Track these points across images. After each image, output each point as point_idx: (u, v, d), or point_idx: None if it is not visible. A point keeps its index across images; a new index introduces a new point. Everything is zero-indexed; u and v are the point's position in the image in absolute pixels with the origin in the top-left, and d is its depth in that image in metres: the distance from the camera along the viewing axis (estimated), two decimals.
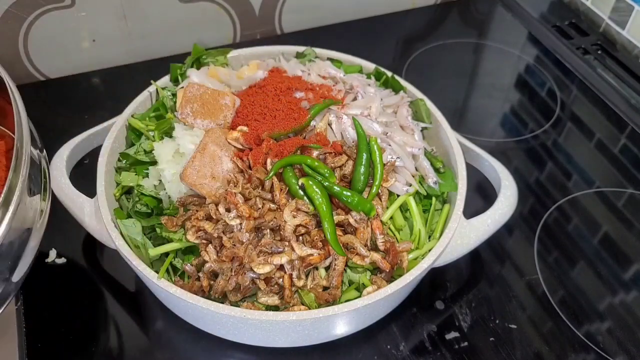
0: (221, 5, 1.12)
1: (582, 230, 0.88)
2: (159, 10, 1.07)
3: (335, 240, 0.64)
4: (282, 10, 1.18)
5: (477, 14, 1.32)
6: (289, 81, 0.81)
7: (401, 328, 0.75)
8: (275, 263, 0.63)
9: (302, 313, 0.60)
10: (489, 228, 0.74)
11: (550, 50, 1.22)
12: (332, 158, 0.72)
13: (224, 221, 0.66)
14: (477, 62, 1.21)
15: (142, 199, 0.73)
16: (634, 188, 0.95)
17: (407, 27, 1.26)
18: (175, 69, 0.85)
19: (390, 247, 0.67)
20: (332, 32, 1.22)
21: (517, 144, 1.02)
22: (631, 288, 0.81)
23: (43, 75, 1.08)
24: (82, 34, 1.05)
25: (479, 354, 0.73)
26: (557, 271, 0.82)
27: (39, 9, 0.99)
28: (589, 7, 1.28)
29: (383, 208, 0.71)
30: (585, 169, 0.98)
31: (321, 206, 0.66)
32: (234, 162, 0.71)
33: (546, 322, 0.76)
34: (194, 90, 0.75)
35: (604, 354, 0.73)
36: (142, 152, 0.76)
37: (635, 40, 1.17)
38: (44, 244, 0.81)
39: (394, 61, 1.17)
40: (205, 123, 0.75)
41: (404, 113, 0.81)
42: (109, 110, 0.85)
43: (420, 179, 0.77)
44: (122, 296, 0.78)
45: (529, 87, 1.14)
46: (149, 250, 0.68)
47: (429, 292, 0.79)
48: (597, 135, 1.04)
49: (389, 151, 0.75)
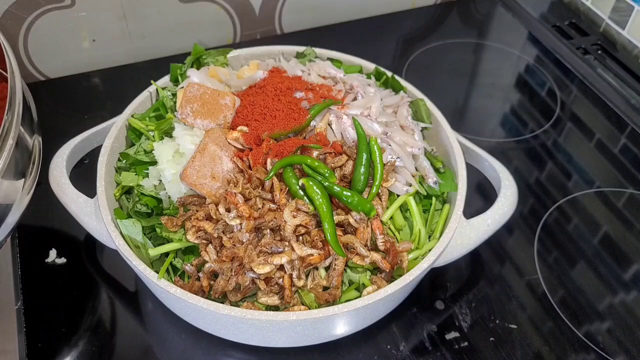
0: (221, 5, 1.12)
1: (582, 230, 0.88)
2: (159, 10, 1.07)
3: (335, 240, 0.64)
4: (282, 10, 1.18)
5: (477, 14, 1.32)
6: (289, 81, 0.81)
7: (401, 328, 0.75)
8: (275, 263, 0.63)
9: (302, 313, 0.60)
10: (489, 228, 0.74)
11: (550, 50, 1.22)
12: (332, 158, 0.72)
13: (224, 221, 0.66)
14: (477, 62, 1.21)
15: (142, 199, 0.73)
16: (634, 188, 0.95)
17: (407, 27, 1.26)
18: (175, 69, 0.85)
19: (390, 247, 0.67)
20: (332, 32, 1.22)
21: (517, 144, 1.02)
22: (631, 288, 0.81)
23: (43, 75, 1.08)
24: (82, 34, 1.05)
25: (479, 354, 0.73)
26: (557, 271, 0.82)
27: (39, 9, 0.99)
28: (589, 7, 1.28)
29: (383, 208, 0.71)
30: (585, 169, 0.98)
31: (321, 206, 0.66)
32: (234, 162, 0.71)
33: (546, 322, 0.76)
34: (194, 90, 0.75)
35: (604, 354, 0.73)
36: (142, 152, 0.76)
37: (635, 40, 1.17)
38: (44, 244, 0.81)
39: (394, 61, 1.17)
40: (205, 123, 0.75)
41: (404, 113, 0.81)
42: (109, 110, 0.85)
43: (420, 179, 0.77)
44: (122, 296, 0.78)
45: (529, 87, 1.14)
46: (149, 250, 0.68)
47: (429, 292, 0.79)
48: (597, 135, 1.04)
49: (389, 151, 0.75)
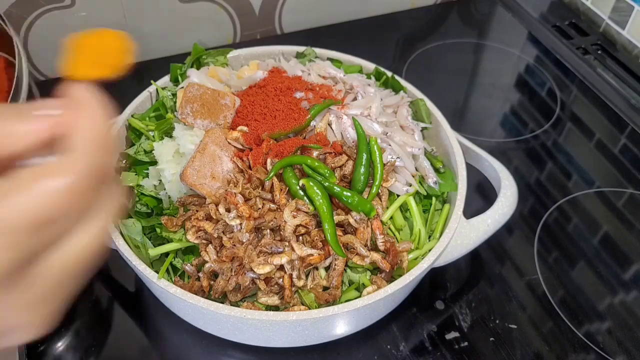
0: (221, 5, 1.12)
1: (582, 230, 0.88)
2: (159, 10, 1.07)
3: (335, 241, 0.64)
4: (282, 10, 1.18)
5: (477, 14, 1.32)
6: (289, 81, 0.81)
7: (401, 328, 0.75)
8: (275, 263, 0.63)
9: (302, 313, 0.60)
10: (489, 228, 0.74)
11: (550, 50, 1.22)
12: (332, 158, 0.72)
13: (224, 221, 0.66)
14: (477, 62, 1.21)
15: (142, 199, 0.73)
16: (634, 188, 0.95)
17: (407, 27, 1.26)
18: (175, 69, 0.85)
19: (390, 247, 0.67)
20: (332, 32, 1.22)
21: (517, 144, 1.02)
22: (631, 288, 0.81)
23: (43, 75, 1.08)
24: None
25: (479, 354, 0.73)
26: (557, 271, 0.82)
27: (39, 9, 0.99)
28: (589, 7, 1.28)
29: (383, 208, 0.71)
30: (585, 169, 0.98)
31: (322, 207, 0.66)
32: (234, 162, 0.71)
33: (546, 322, 0.76)
34: (194, 90, 0.75)
35: (604, 354, 0.73)
36: (142, 152, 0.76)
37: (635, 40, 1.17)
38: None
39: (394, 61, 1.17)
40: (205, 123, 0.75)
41: (404, 113, 0.81)
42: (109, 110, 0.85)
43: (420, 179, 0.77)
44: (122, 296, 0.78)
45: (529, 87, 1.14)
46: (149, 250, 0.68)
47: (429, 292, 0.79)
48: (597, 135, 1.04)
49: (389, 151, 0.75)
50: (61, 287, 0.26)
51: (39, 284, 0.25)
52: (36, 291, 0.25)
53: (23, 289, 0.24)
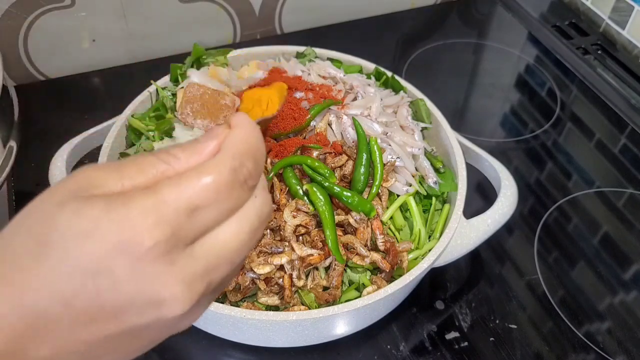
0: (221, 5, 1.12)
1: (582, 230, 0.88)
2: (159, 10, 1.07)
3: (336, 247, 0.64)
4: (282, 10, 1.18)
5: (477, 14, 1.32)
6: (289, 81, 0.81)
7: (401, 328, 0.75)
8: (275, 263, 0.63)
9: (302, 313, 0.60)
10: (489, 228, 0.74)
11: (550, 50, 1.22)
12: (332, 158, 0.72)
13: None
14: (477, 62, 1.21)
15: None
16: (634, 188, 0.95)
17: (407, 27, 1.26)
18: (175, 69, 0.85)
19: (390, 247, 0.67)
20: (332, 32, 1.22)
21: (517, 144, 1.02)
22: (631, 288, 0.81)
23: (43, 75, 1.08)
24: (82, 34, 1.05)
25: (479, 354, 0.73)
26: (557, 271, 0.82)
27: (39, 9, 0.99)
28: (589, 7, 1.28)
29: (383, 208, 0.71)
30: (585, 169, 0.98)
31: (324, 213, 0.66)
32: None
33: (546, 322, 0.76)
34: (194, 90, 0.75)
35: (604, 354, 0.73)
36: (142, 152, 0.76)
37: (635, 40, 1.17)
38: None
39: (394, 61, 1.17)
40: (205, 123, 0.75)
41: (404, 113, 0.81)
42: (109, 110, 0.84)
43: (420, 179, 0.77)
44: None
45: (529, 87, 1.14)
46: None
47: (429, 292, 0.79)
48: (597, 135, 1.04)
49: (389, 151, 0.75)
50: (213, 271, 0.31)
51: (193, 264, 0.30)
52: (191, 269, 0.30)
53: (182, 264, 0.29)
